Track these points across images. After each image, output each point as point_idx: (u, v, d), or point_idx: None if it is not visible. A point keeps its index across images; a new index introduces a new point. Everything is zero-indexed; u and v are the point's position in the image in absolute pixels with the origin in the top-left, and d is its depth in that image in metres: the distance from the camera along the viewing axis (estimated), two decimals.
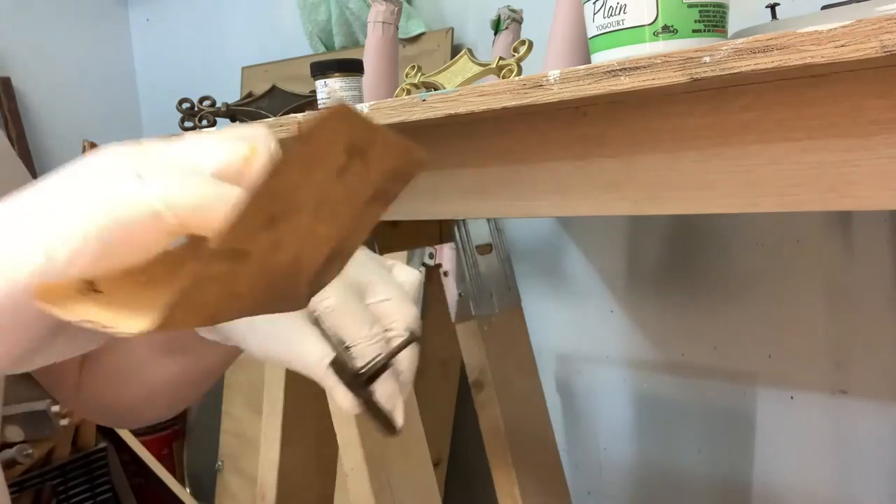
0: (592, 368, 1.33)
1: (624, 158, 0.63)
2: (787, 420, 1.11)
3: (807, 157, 0.53)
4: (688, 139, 0.59)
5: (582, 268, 1.31)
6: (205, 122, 1.12)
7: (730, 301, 1.14)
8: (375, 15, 1.00)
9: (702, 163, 0.58)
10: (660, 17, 0.59)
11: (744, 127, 0.56)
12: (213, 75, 1.90)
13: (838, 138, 0.52)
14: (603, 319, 1.29)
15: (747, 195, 0.56)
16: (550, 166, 0.68)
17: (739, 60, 0.47)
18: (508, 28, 0.99)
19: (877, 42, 0.42)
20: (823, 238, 1.04)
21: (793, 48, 0.45)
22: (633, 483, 1.32)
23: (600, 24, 0.62)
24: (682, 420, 1.23)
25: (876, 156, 0.50)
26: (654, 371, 1.25)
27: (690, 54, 0.50)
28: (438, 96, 0.64)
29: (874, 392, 1.03)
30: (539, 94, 0.58)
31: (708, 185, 0.58)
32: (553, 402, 1.34)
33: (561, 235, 1.33)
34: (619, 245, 1.26)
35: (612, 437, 1.33)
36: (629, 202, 0.63)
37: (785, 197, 0.55)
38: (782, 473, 1.13)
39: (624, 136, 0.63)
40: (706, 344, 1.18)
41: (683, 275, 1.19)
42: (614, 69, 0.53)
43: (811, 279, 1.05)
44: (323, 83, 0.91)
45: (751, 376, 1.14)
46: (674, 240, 1.20)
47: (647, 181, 0.62)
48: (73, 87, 2.01)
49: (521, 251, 1.37)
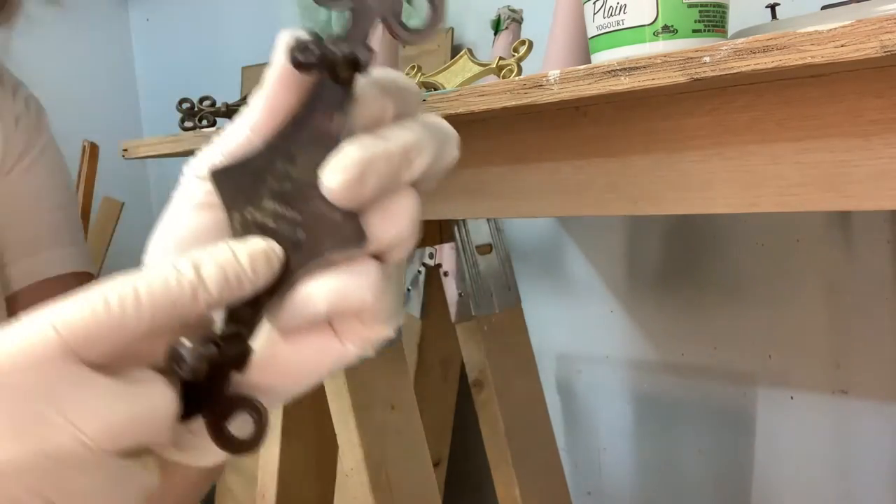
0: (592, 368, 1.34)
1: (624, 158, 0.63)
2: (787, 420, 1.11)
3: (807, 157, 0.53)
4: (688, 139, 0.59)
5: (582, 268, 1.31)
6: (205, 122, 1.11)
7: (730, 301, 1.14)
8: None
9: (702, 163, 0.58)
10: (660, 17, 0.59)
11: (744, 127, 0.56)
12: (213, 75, 1.90)
13: (838, 138, 0.52)
14: (603, 319, 1.29)
15: (747, 195, 0.56)
16: (550, 166, 0.68)
17: (739, 60, 0.47)
18: (508, 28, 0.99)
19: (877, 42, 0.42)
20: (823, 238, 1.04)
21: (793, 48, 0.45)
22: (633, 483, 1.32)
23: (600, 24, 0.62)
24: (682, 420, 1.23)
25: (876, 156, 0.50)
26: (654, 371, 1.25)
27: (690, 54, 0.50)
28: (438, 96, 0.64)
29: (874, 392, 1.03)
30: (539, 94, 0.58)
31: (708, 185, 0.58)
32: (553, 402, 1.34)
33: (561, 235, 1.33)
34: (619, 245, 1.26)
35: (612, 437, 1.33)
36: (629, 202, 0.63)
37: (785, 197, 0.55)
38: (782, 473, 1.13)
39: (624, 136, 0.63)
40: (706, 344, 1.18)
41: (683, 275, 1.19)
42: (614, 69, 0.53)
43: (811, 279, 1.05)
44: None
45: (751, 376, 1.14)
46: (674, 240, 1.20)
47: (647, 181, 0.62)
48: (73, 87, 2.01)
49: (521, 251, 1.37)
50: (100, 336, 0.25)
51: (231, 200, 0.29)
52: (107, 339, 0.25)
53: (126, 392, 0.25)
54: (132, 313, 0.25)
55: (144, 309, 0.25)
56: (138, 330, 0.25)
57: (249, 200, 0.29)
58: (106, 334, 0.25)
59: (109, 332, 0.25)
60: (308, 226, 0.28)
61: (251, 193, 0.29)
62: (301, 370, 0.30)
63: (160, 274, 0.26)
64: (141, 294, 0.25)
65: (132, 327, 0.25)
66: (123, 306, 0.25)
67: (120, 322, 0.25)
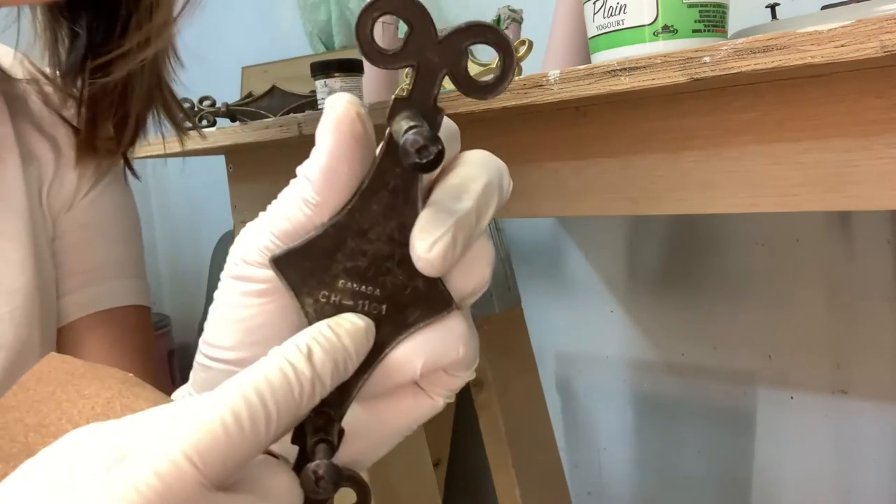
0: (592, 368, 1.34)
1: (624, 158, 0.63)
2: (787, 420, 1.11)
3: (807, 157, 0.53)
4: (688, 139, 0.59)
5: (582, 268, 1.31)
6: (205, 122, 1.12)
7: (730, 301, 1.14)
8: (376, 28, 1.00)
9: (702, 163, 0.58)
10: (660, 17, 0.59)
11: (744, 127, 0.56)
12: (213, 75, 1.90)
13: (838, 138, 0.52)
14: (603, 319, 1.29)
15: (747, 195, 0.56)
16: (550, 166, 0.68)
17: (739, 60, 0.47)
18: (508, 28, 0.99)
19: (877, 42, 0.42)
20: (823, 238, 1.04)
21: (793, 48, 0.45)
22: (633, 483, 1.32)
23: (600, 24, 0.62)
24: (682, 420, 1.23)
25: (876, 156, 0.50)
26: (654, 371, 1.25)
27: (690, 54, 0.50)
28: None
29: (874, 392, 1.03)
30: (539, 94, 0.58)
31: (708, 185, 0.58)
32: (553, 402, 1.34)
33: (561, 235, 1.33)
34: (619, 245, 1.26)
35: (612, 437, 1.33)
36: (629, 202, 0.63)
37: (785, 197, 0.55)
38: (782, 473, 1.13)
39: (624, 136, 0.63)
40: (706, 344, 1.18)
41: (683, 275, 1.19)
42: (614, 69, 0.53)
43: (811, 279, 1.05)
44: (323, 83, 0.91)
45: (751, 376, 1.14)
46: (674, 240, 1.20)
47: (647, 181, 0.62)
48: None
49: (521, 251, 1.37)
50: (236, 462, 0.23)
51: (300, 285, 0.27)
52: (242, 462, 0.24)
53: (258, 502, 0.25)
54: (263, 430, 0.24)
55: (273, 422, 0.24)
56: (268, 444, 0.24)
57: (322, 283, 0.27)
58: (241, 456, 0.23)
59: (244, 454, 0.23)
60: (389, 298, 0.28)
61: (322, 275, 0.27)
62: (389, 434, 0.30)
63: (280, 378, 0.24)
64: (270, 407, 0.24)
65: (264, 445, 0.24)
66: (256, 425, 0.23)
67: (254, 443, 0.24)
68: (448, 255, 0.26)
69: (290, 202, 0.27)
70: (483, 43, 0.26)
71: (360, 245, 0.27)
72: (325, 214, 0.27)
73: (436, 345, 0.28)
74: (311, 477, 0.25)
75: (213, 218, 1.82)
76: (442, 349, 0.28)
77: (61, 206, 0.58)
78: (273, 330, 0.28)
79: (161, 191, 2.13)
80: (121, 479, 0.22)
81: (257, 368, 0.25)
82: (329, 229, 0.27)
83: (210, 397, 0.24)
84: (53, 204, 0.57)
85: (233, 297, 0.29)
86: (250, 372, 0.24)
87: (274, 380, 0.24)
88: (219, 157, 1.06)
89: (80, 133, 0.56)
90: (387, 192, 0.27)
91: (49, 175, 0.57)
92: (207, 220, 1.92)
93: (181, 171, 0.67)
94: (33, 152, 0.56)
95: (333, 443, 0.27)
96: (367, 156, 0.27)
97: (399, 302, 0.28)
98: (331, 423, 0.27)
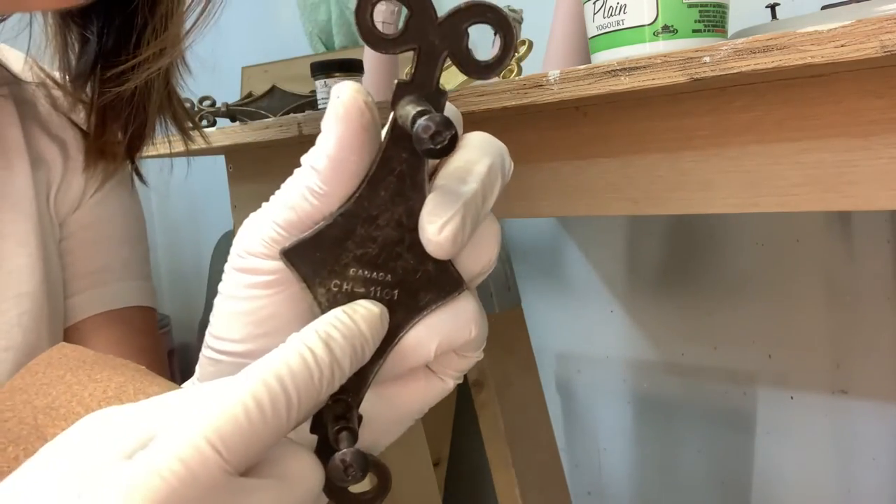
0: (592, 368, 1.34)
1: (624, 158, 0.63)
2: (787, 420, 1.11)
3: (807, 157, 0.53)
4: (688, 139, 0.59)
5: (582, 268, 1.31)
6: (205, 122, 1.12)
7: (730, 301, 1.14)
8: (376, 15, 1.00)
9: (702, 163, 0.58)
10: (660, 17, 0.59)
11: (744, 127, 0.56)
12: (213, 75, 1.90)
13: (838, 138, 0.52)
14: (603, 319, 1.29)
15: (747, 195, 0.56)
16: (550, 166, 0.68)
17: (739, 60, 0.47)
18: None
19: (877, 42, 0.42)
20: (823, 238, 1.04)
21: (793, 48, 0.45)
22: (633, 483, 1.32)
23: (600, 24, 0.62)
24: (682, 420, 1.23)
25: (876, 156, 0.50)
26: (654, 371, 1.25)
27: (690, 54, 0.50)
28: None
29: (874, 392, 1.03)
30: (539, 94, 0.58)
31: (708, 185, 0.58)
32: (553, 402, 1.35)
33: (561, 235, 1.33)
34: (619, 245, 1.26)
35: (612, 437, 1.33)
36: (629, 202, 0.63)
37: (785, 197, 0.55)
38: (782, 473, 1.13)
39: (624, 136, 0.63)
40: (706, 344, 1.18)
41: (683, 275, 1.19)
42: (614, 69, 0.53)
43: (811, 279, 1.05)
44: (323, 83, 0.91)
45: (751, 376, 1.14)
46: (674, 240, 1.20)
47: (647, 181, 0.62)
48: None
49: (521, 251, 1.37)
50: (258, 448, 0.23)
51: (312, 276, 0.28)
52: (264, 448, 0.24)
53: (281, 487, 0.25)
54: (284, 416, 0.24)
55: (295, 408, 0.24)
56: (288, 430, 0.24)
57: (333, 272, 0.28)
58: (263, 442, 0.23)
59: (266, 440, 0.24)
60: (401, 283, 0.28)
61: (333, 265, 0.27)
62: (401, 418, 0.30)
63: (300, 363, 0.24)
64: (291, 392, 0.24)
65: (285, 431, 0.24)
66: (277, 411, 0.23)
67: (276, 429, 0.24)
68: (458, 237, 0.26)
69: (295, 192, 0.27)
70: (483, 23, 0.26)
71: (370, 232, 0.27)
72: (334, 204, 0.27)
73: (449, 326, 0.28)
74: (340, 466, 0.26)
75: (213, 218, 1.82)
76: (455, 330, 0.28)
77: (68, 209, 0.58)
78: (282, 321, 0.28)
79: (161, 191, 2.13)
80: (144, 465, 0.22)
81: (277, 355, 0.25)
82: (338, 218, 0.27)
83: (231, 383, 0.24)
84: (61, 207, 0.57)
85: (239, 290, 0.29)
86: (270, 358, 0.24)
87: (294, 365, 0.24)
88: (219, 158, 1.06)
89: (89, 137, 0.56)
90: (394, 177, 0.27)
91: (57, 178, 0.57)
92: (207, 220, 1.92)
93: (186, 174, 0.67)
94: (42, 156, 0.56)
95: (356, 429, 0.27)
96: (374, 143, 0.27)
97: (410, 286, 0.28)
98: (349, 409, 0.28)
